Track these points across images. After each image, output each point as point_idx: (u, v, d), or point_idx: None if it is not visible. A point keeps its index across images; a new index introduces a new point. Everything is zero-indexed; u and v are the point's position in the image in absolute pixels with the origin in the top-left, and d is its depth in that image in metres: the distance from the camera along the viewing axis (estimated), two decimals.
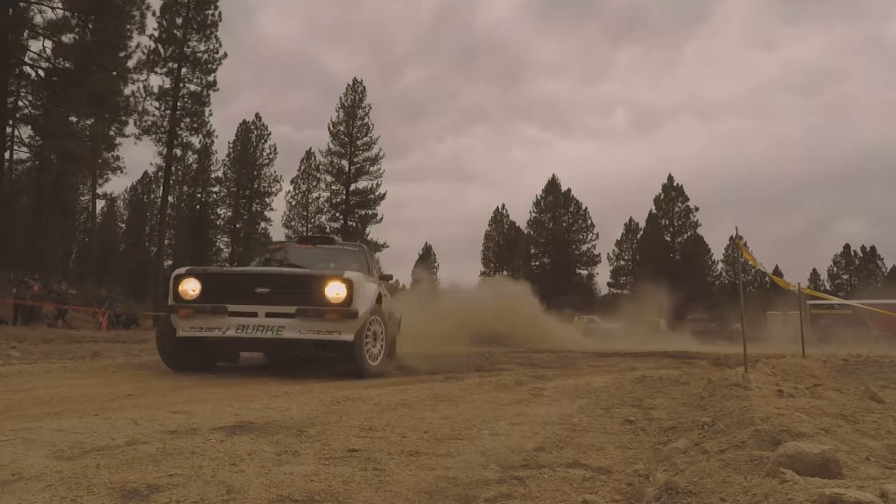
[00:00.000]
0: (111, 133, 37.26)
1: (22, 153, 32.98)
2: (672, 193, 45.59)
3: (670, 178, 46.07)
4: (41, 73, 30.62)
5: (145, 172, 41.68)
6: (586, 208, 47.02)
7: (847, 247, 49.32)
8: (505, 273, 45.55)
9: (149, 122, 38.21)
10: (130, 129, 37.61)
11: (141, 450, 2.07)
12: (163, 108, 38.80)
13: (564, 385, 5.91)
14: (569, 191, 47.31)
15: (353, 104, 44.74)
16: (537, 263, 46.51)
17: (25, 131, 32.79)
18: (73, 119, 34.70)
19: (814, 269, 49.79)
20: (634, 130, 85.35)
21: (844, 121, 75.81)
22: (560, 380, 6.54)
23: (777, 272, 42.62)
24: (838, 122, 76.76)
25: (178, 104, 39.07)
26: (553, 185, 47.32)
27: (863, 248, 49.28)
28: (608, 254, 47.73)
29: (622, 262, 46.92)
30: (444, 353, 9.77)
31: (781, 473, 1.94)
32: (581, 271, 46.43)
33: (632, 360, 11.60)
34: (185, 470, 1.86)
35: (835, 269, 49.38)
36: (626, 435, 3.77)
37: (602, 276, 48.62)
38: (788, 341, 16.68)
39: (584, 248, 46.66)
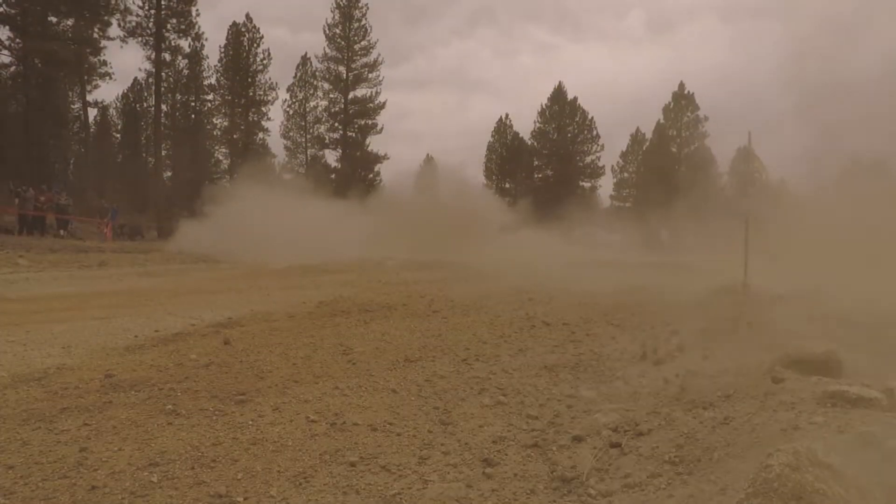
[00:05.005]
0: (95, 35, 36.34)
1: (4, 56, 32.35)
2: (682, 102, 41.45)
3: (681, 85, 41.37)
4: None
5: (135, 79, 40.76)
6: (592, 118, 43.13)
7: (856, 160, 42.97)
8: (507, 185, 43.35)
9: (133, 23, 36.88)
10: (115, 31, 36.55)
11: None
12: (146, 8, 37.26)
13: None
14: (575, 99, 43.29)
15: (350, 4, 41.88)
16: (540, 175, 43.86)
17: (4, 33, 31.96)
18: (53, 19, 33.82)
19: (820, 182, 43.92)
20: (649, 34, 76.30)
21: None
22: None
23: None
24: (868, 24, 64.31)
25: (163, 3, 37.39)
26: (559, 93, 43.32)
27: (872, 161, 42.62)
28: (612, 166, 44.35)
29: (626, 175, 43.85)
30: None
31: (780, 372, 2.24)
32: (584, 184, 43.55)
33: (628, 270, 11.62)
34: None
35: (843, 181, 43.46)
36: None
37: (605, 188, 45.62)
38: None
39: (588, 159, 43.47)
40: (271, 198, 22.61)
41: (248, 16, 41.38)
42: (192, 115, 41.36)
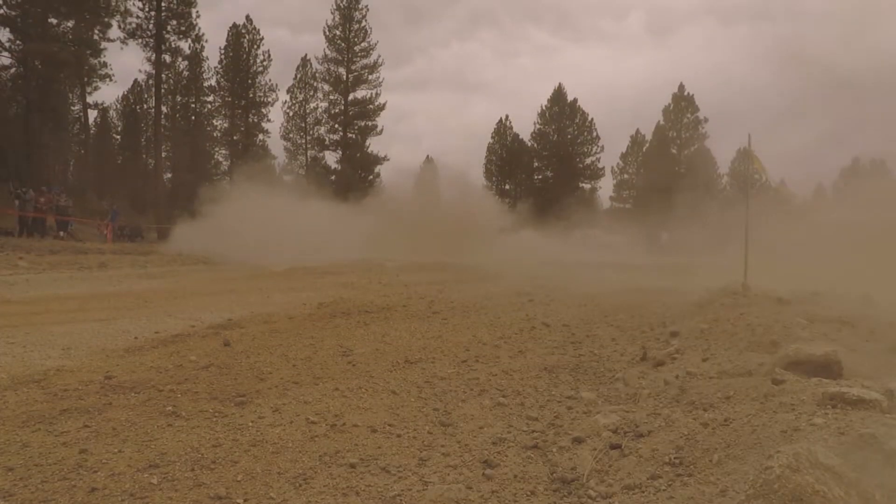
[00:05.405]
0: (95, 37, 36.41)
1: (4, 58, 32.41)
2: (682, 104, 42.25)
3: (681, 87, 41.82)
4: None
5: (136, 81, 40.80)
6: (592, 119, 43.80)
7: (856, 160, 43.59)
8: (507, 186, 43.50)
9: (133, 25, 36.95)
10: (115, 32, 36.62)
11: None
12: (147, 10, 37.33)
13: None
14: (575, 101, 43.69)
15: (350, 5, 42.00)
16: (540, 177, 44.09)
17: (4, 34, 32.02)
18: (53, 21, 33.88)
19: (819, 183, 44.50)
20: (649, 35, 76.86)
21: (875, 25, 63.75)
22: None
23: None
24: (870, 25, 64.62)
25: (163, 4, 37.47)
26: (559, 94, 43.64)
27: (872, 162, 43.12)
28: (612, 167, 44.88)
29: (626, 176, 44.39)
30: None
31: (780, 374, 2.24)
32: (584, 185, 43.81)
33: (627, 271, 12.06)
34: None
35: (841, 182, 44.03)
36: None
37: (605, 189, 45.97)
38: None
39: (588, 161, 44.00)
40: (271, 199, 22.61)
41: (248, 17, 41.51)
42: (192, 117, 41.42)
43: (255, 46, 41.50)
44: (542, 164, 43.98)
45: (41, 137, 31.67)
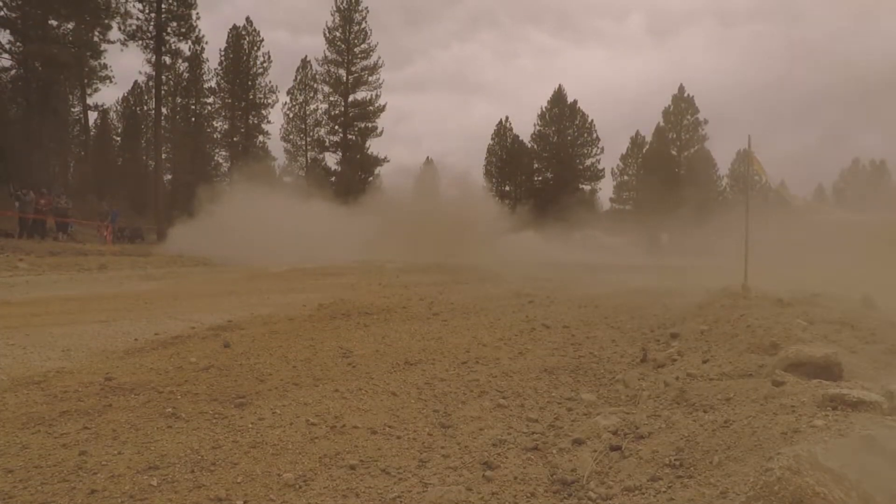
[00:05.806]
0: (95, 39, 36.48)
1: (4, 60, 32.43)
2: (682, 105, 41.64)
3: (681, 88, 41.88)
4: None
5: (136, 82, 40.85)
6: (592, 121, 44.06)
7: (856, 161, 43.93)
8: (507, 188, 43.57)
9: (133, 27, 36.99)
10: (115, 34, 36.67)
11: None
12: (147, 11, 37.38)
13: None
14: (575, 102, 43.91)
15: (350, 7, 42.14)
16: (539, 178, 44.21)
17: (5, 36, 32.05)
18: (53, 22, 33.96)
19: (819, 184, 44.87)
20: (649, 37, 77.19)
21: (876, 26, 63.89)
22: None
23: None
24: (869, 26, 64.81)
25: (163, 6, 37.53)
26: (559, 96, 43.86)
27: (872, 163, 43.46)
28: (612, 169, 45.15)
29: (626, 178, 44.63)
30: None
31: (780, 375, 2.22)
32: (584, 186, 43.92)
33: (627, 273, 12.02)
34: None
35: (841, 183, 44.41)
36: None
37: (605, 191, 46.21)
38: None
39: (588, 162, 44.21)
40: (271, 201, 22.64)
41: (248, 19, 41.59)
42: (193, 118, 41.48)
43: (255, 48, 41.61)
44: (542, 166, 44.06)
45: (41, 139, 31.69)
